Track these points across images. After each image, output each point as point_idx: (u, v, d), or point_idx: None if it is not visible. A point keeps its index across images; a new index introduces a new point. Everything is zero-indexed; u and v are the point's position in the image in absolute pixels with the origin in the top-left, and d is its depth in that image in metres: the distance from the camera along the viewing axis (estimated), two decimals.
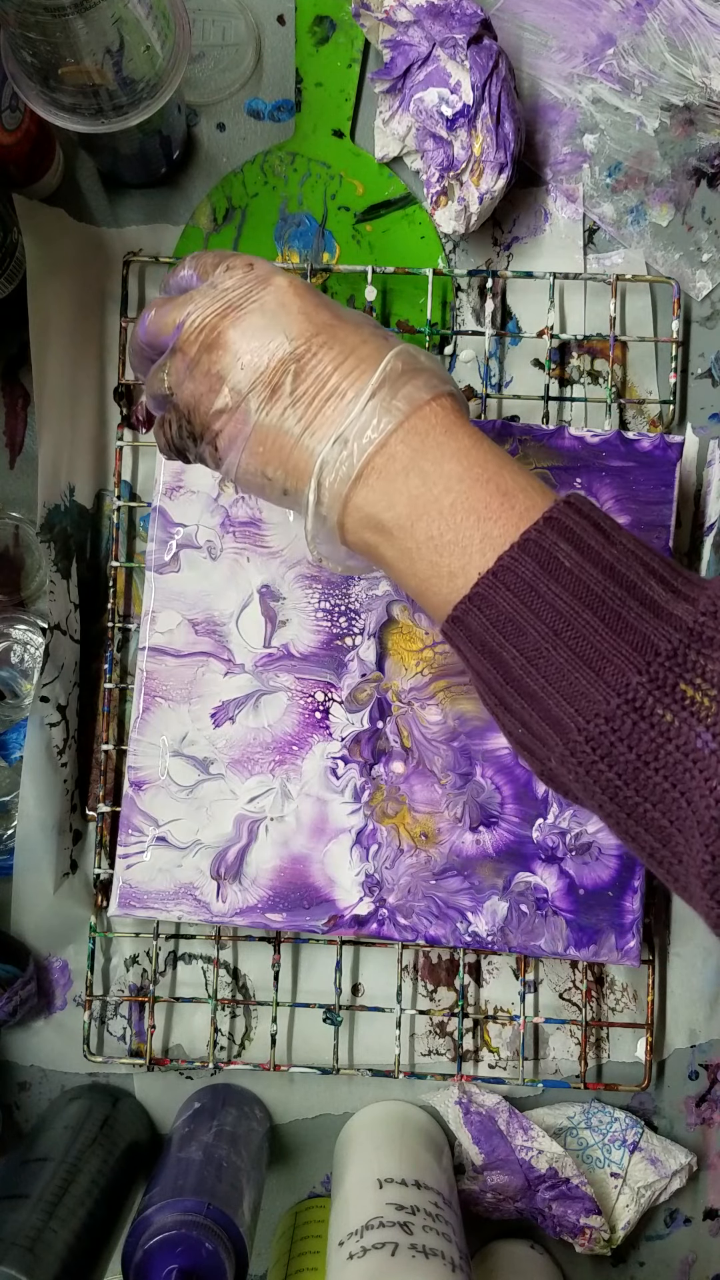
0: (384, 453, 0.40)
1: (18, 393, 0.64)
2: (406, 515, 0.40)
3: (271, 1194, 0.64)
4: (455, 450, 0.41)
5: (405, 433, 0.41)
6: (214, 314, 0.42)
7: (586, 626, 0.37)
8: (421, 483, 0.40)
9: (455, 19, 0.58)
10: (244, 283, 0.43)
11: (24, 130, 0.56)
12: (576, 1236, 0.61)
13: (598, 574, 0.38)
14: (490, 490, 0.40)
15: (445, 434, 0.41)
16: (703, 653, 0.36)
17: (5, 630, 0.63)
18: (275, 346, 0.41)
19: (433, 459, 0.40)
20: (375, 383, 0.41)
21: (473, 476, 0.40)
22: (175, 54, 0.52)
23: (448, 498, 0.40)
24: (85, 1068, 0.64)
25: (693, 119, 0.63)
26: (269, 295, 0.42)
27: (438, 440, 0.41)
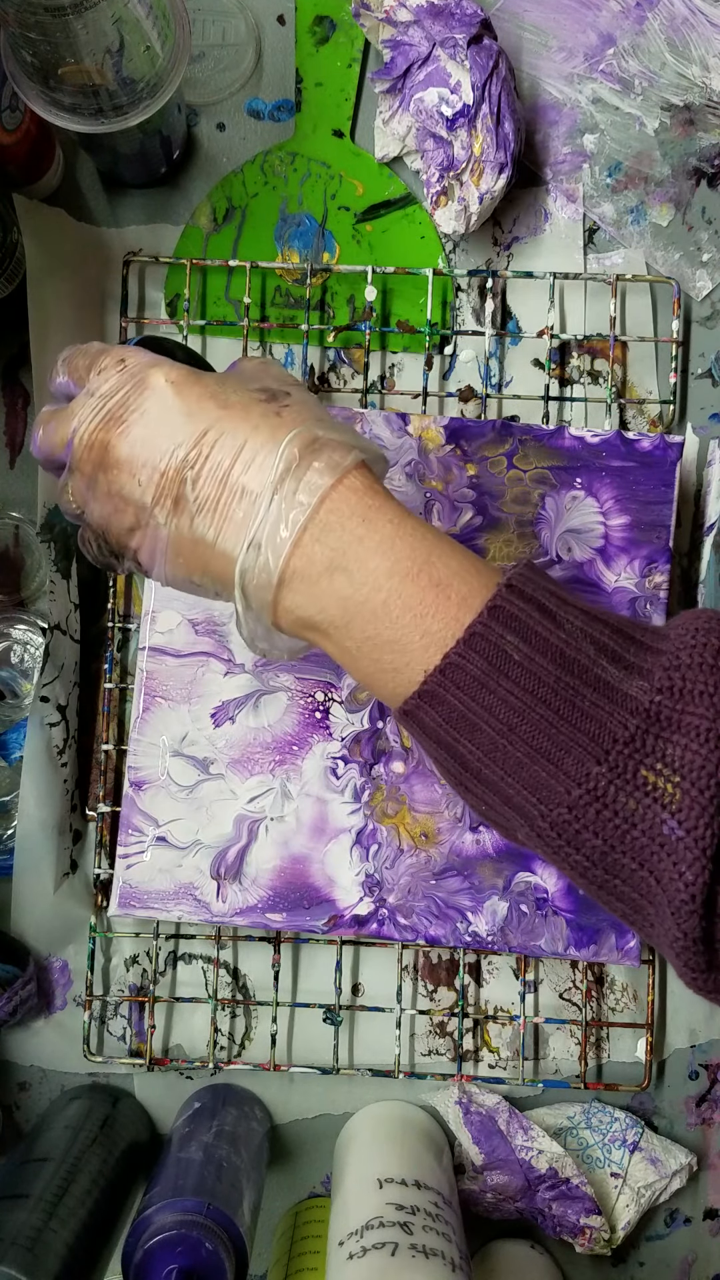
0: (300, 554, 0.39)
1: (18, 393, 0.64)
2: (339, 617, 0.39)
3: (271, 1194, 0.64)
4: (377, 543, 0.39)
5: (318, 529, 0.39)
6: (97, 428, 0.41)
7: (542, 720, 0.36)
8: (348, 583, 0.39)
9: (455, 19, 0.58)
10: (120, 387, 0.42)
11: (24, 130, 0.56)
12: (576, 1236, 0.61)
13: (548, 664, 0.37)
14: (423, 584, 0.38)
15: (362, 523, 0.39)
16: (661, 736, 0.35)
17: (5, 630, 0.63)
18: (166, 456, 0.40)
19: (354, 556, 0.39)
20: (275, 476, 0.39)
21: (401, 571, 0.38)
22: (175, 54, 0.52)
23: (378, 596, 0.39)
24: (85, 1068, 0.64)
25: (693, 119, 0.63)
26: (149, 401, 0.41)
27: (356, 533, 0.39)
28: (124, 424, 0.41)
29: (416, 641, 0.38)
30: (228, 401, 0.41)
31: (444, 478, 0.59)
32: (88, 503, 0.43)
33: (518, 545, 0.59)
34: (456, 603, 0.38)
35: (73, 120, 0.52)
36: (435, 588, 0.38)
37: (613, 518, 0.59)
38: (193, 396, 0.41)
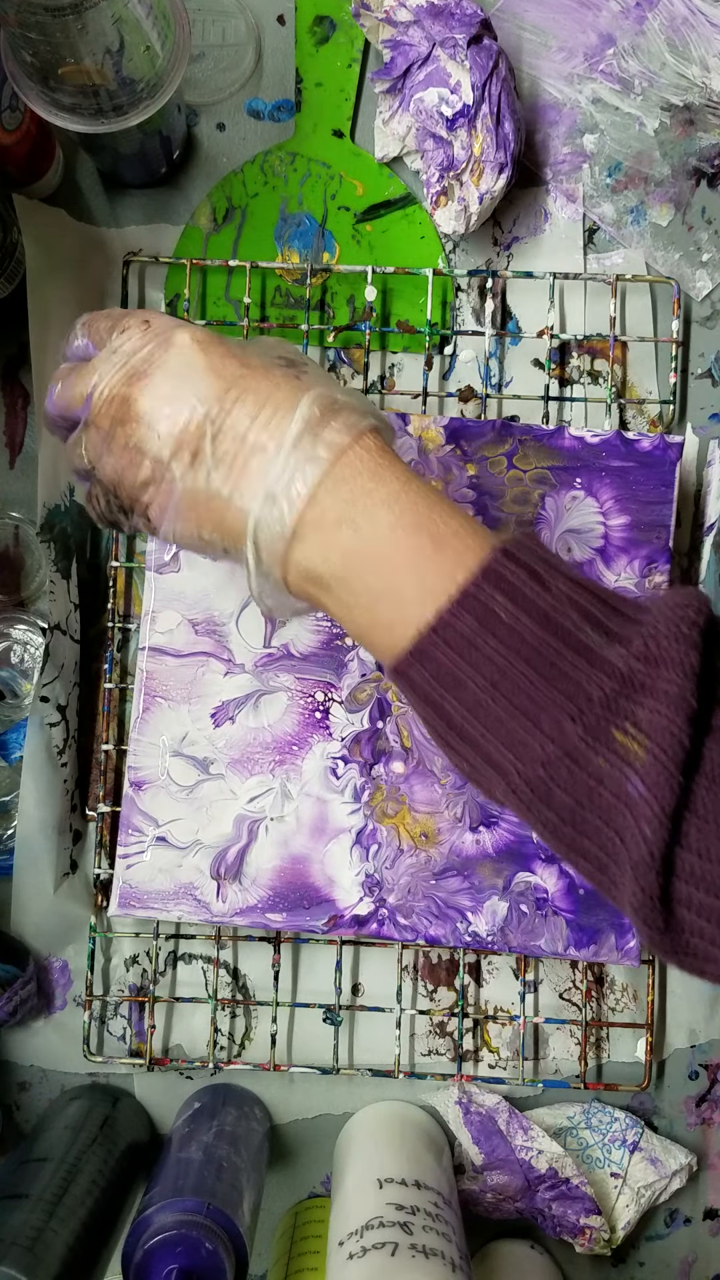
0: (314, 506, 0.40)
1: (18, 393, 0.64)
2: (342, 568, 0.40)
3: (271, 1194, 0.64)
4: (385, 497, 0.40)
5: (333, 482, 0.40)
6: (119, 382, 0.42)
7: (523, 679, 0.38)
8: (354, 534, 0.40)
9: (455, 19, 0.58)
10: (144, 344, 0.42)
11: (24, 130, 0.56)
12: (576, 1236, 0.61)
13: (533, 626, 0.38)
14: (423, 538, 0.39)
15: (373, 479, 0.40)
16: (633, 699, 0.37)
17: (5, 630, 0.63)
18: (188, 410, 0.41)
19: (363, 508, 0.40)
20: (295, 432, 0.40)
21: (405, 524, 0.39)
22: (175, 54, 0.52)
23: (380, 548, 0.39)
24: (85, 1068, 0.64)
25: (693, 119, 0.63)
26: (173, 357, 0.41)
27: (365, 487, 0.40)
28: (147, 378, 0.41)
29: (412, 595, 0.39)
30: (250, 362, 0.42)
31: (444, 478, 0.59)
32: (101, 457, 0.43)
33: None
34: (453, 559, 0.39)
35: (73, 120, 0.51)
36: (434, 542, 0.39)
37: (613, 518, 0.59)
38: (216, 355, 0.41)
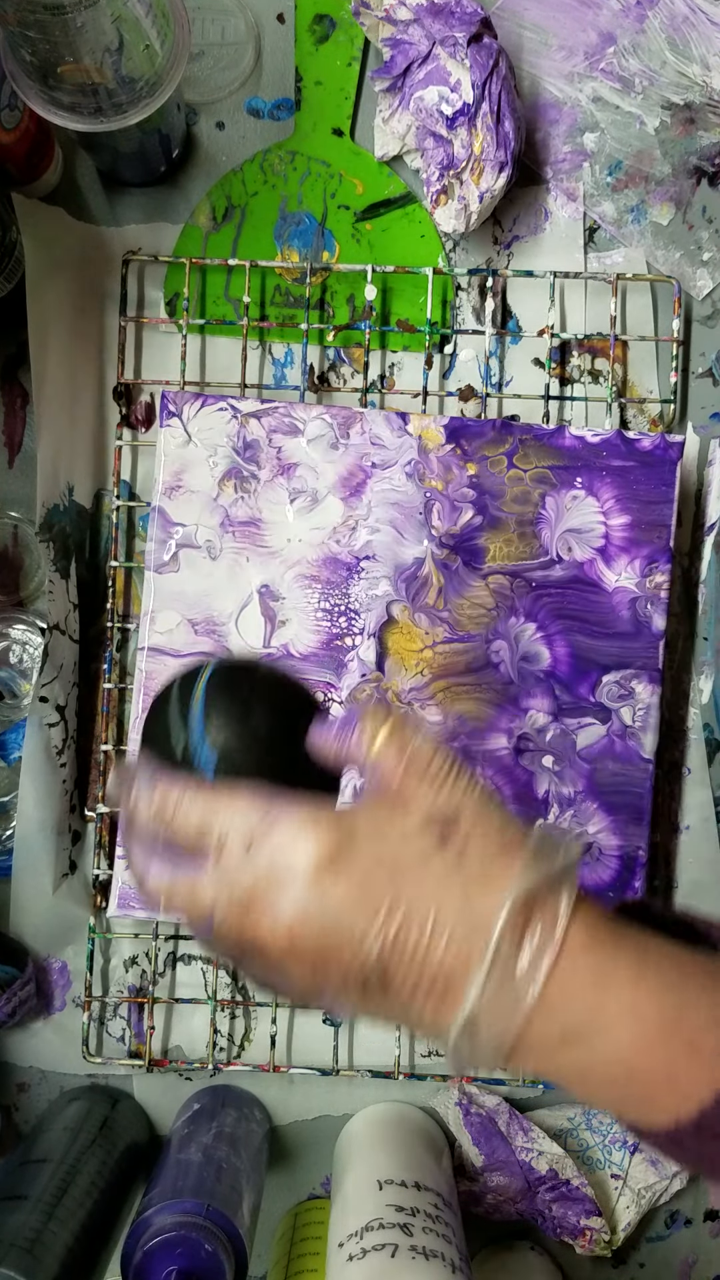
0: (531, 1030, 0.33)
1: (17, 392, 0.64)
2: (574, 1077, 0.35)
3: (271, 1195, 0.64)
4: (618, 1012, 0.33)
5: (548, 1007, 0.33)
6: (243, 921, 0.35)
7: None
8: (587, 1053, 0.34)
9: (455, 17, 0.58)
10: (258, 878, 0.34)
11: (23, 129, 0.56)
12: (577, 1238, 0.61)
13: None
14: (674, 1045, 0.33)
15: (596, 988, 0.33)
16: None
17: (4, 630, 0.63)
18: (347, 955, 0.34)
19: (592, 1028, 0.33)
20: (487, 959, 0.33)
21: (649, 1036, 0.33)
22: (175, 52, 0.52)
23: (622, 1065, 0.34)
24: (84, 1069, 0.64)
25: (693, 117, 0.63)
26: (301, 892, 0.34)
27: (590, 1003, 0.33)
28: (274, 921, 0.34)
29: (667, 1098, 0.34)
30: (398, 864, 0.34)
31: (444, 477, 0.59)
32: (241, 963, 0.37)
33: (518, 545, 0.59)
34: (711, 1059, 0.33)
35: (72, 119, 0.51)
36: (687, 1047, 0.34)
37: (613, 517, 0.59)
38: (356, 873, 0.34)
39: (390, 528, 0.59)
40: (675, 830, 0.62)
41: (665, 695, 0.61)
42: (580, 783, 0.59)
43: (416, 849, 0.34)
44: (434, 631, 0.59)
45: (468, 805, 0.35)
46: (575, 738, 0.59)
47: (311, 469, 0.59)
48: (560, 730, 0.59)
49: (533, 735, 0.59)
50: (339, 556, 0.59)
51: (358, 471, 0.59)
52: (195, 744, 0.38)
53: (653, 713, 0.59)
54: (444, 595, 0.59)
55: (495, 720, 0.59)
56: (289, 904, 0.34)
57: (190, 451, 0.59)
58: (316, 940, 0.34)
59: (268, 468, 0.59)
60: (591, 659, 0.59)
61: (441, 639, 0.59)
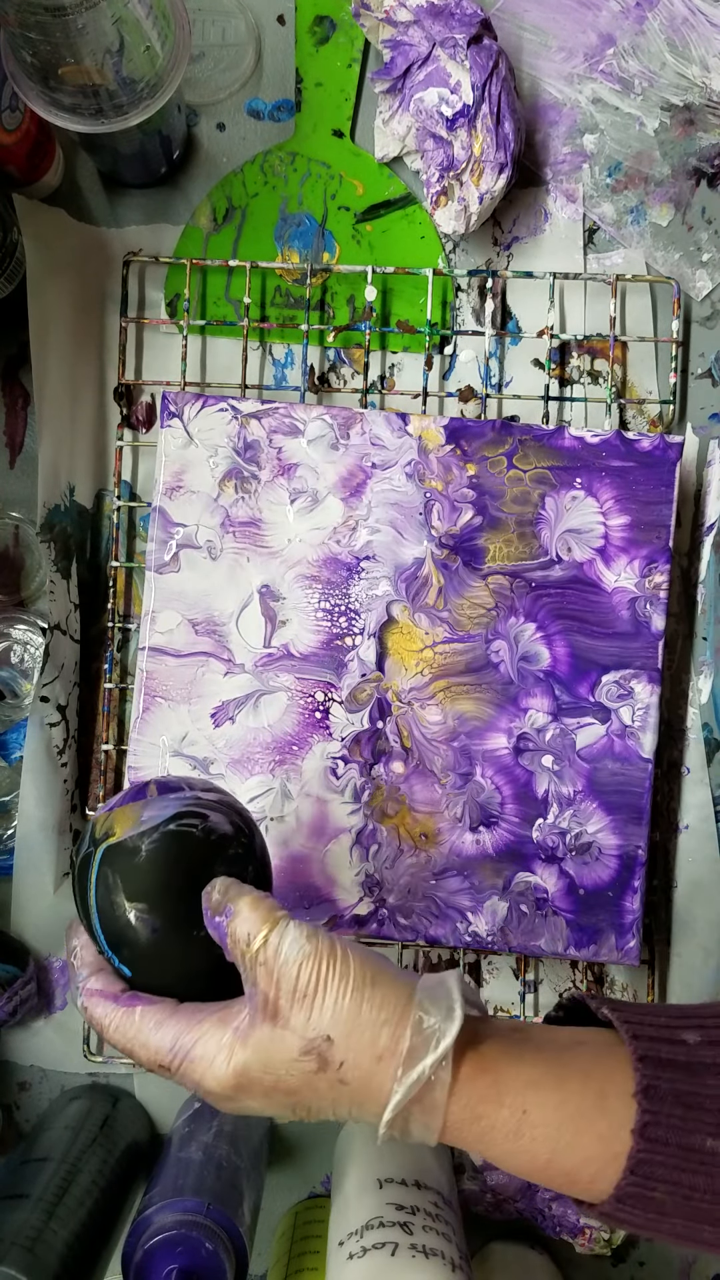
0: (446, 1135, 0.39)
1: (18, 393, 0.64)
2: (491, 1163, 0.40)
3: (271, 1194, 0.64)
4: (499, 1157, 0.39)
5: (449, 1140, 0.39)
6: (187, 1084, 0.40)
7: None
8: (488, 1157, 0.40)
9: (455, 19, 0.58)
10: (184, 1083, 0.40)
11: (24, 130, 0.56)
12: (576, 1236, 0.61)
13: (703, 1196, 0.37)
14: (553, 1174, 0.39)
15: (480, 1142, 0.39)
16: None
17: (5, 630, 0.63)
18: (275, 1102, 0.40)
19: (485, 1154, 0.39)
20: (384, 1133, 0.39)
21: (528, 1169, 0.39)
22: (175, 54, 0.52)
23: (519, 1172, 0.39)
24: (85, 1068, 0.64)
25: (693, 119, 0.63)
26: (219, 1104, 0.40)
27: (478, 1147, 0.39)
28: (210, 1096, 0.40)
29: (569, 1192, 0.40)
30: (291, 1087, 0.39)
31: (444, 478, 0.59)
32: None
33: (518, 545, 0.59)
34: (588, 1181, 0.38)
35: (73, 120, 0.51)
36: (565, 1176, 0.39)
37: (613, 518, 0.59)
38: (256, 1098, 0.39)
39: (390, 528, 0.59)
40: (674, 830, 0.62)
41: (664, 695, 0.61)
42: (580, 782, 0.59)
43: (301, 1076, 0.38)
44: (434, 631, 0.59)
45: (337, 1028, 0.38)
46: (575, 737, 0.59)
47: (312, 469, 0.59)
48: (560, 730, 0.59)
49: (532, 735, 0.59)
50: (339, 556, 0.59)
51: (358, 472, 0.59)
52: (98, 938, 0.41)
53: (652, 712, 0.59)
54: (444, 595, 0.59)
55: (495, 720, 0.59)
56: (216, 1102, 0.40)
57: (191, 452, 0.59)
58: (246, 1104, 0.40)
59: (268, 468, 0.59)
60: (591, 659, 0.59)
61: (441, 639, 0.59)
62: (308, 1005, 0.38)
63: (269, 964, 0.39)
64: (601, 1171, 0.38)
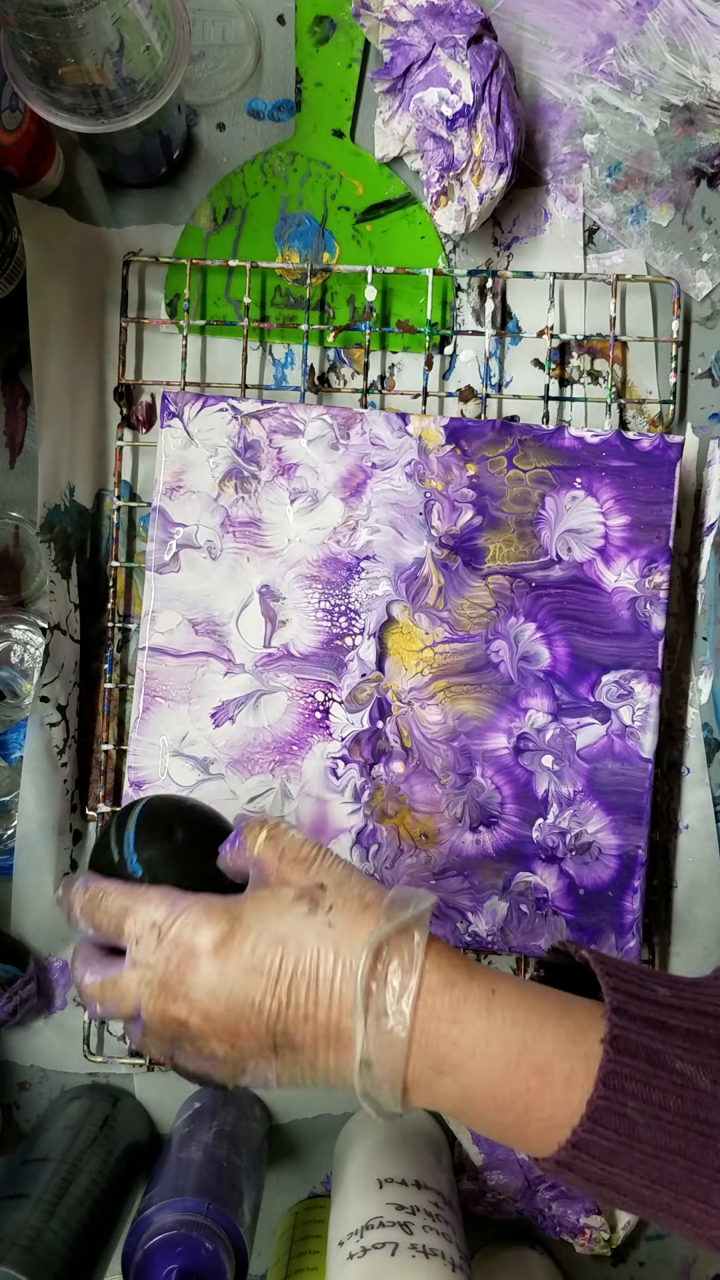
0: (410, 1067, 0.39)
1: (18, 393, 0.64)
2: (456, 1109, 0.40)
3: (271, 1194, 0.64)
4: (472, 1043, 0.39)
5: (418, 1042, 0.39)
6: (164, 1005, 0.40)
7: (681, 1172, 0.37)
8: (455, 1085, 0.39)
9: (455, 19, 0.58)
10: (167, 958, 0.40)
11: (24, 130, 0.56)
12: (576, 1236, 0.61)
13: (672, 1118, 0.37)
14: (524, 1074, 0.38)
15: (453, 1023, 0.39)
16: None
17: (5, 630, 0.63)
18: (251, 1021, 0.39)
19: (454, 1061, 0.39)
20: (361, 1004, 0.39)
21: (500, 1067, 0.38)
22: (175, 54, 0.52)
23: (486, 1092, 0.39)
24: (85, 1068, 0.64)
25: (693, 119, 0.63)
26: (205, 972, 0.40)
27: (450, 1035, 0.39)
28: (189, 999, 0.40)
29: (534, 1125, 0.39)
30: (279, 934, 0.40)
31: (444, 478, 0.59)
32: (175, 1058, 0.42)
33: (518, 545, 0.59)
34: (562, 1084, 0.38)
35: (73, 120, 0.51)
36: (537, 1075, 0.38)
37: (613, 518, 0.59)
38: (245, 949, 0.40)
39: (390, 528, 0.59)
40: (674, 830, 0.62)
41: (664, 695, 0.61)
42: (579, 782, 0.59)
43: (292, 919, 0.40)
44: (434, 631, 0.59)
45: (331, 878, 0.41)
46: (575, 737, 0.59)
47: (312, 469, 0.59)
48: (560, 730, 0.59)
49: (532, 735, 0.59)
50: (339, 556, 0.59)
51: (358, 472, 0.59)
52: (127, 857, 0.45)
53: (652, 712, 0.59)
54: (444, 595, 0.59)
55: (495, 720, 0.59)
56: (197, 982, 0.40)
57: (191, 452, 0.59)
58: (224, 1011, 0.39)
59: (268, 468, 0.59)
60: (591, 659, 0.59)
61: (441, 639, 0.59)
62: (305, 865, 0.42)
63: (276, 839, 0.42)
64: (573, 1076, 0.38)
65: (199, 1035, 0.40)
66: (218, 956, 0.40)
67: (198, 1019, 0.40)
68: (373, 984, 0.39)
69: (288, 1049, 0.40)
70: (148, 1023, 0.41)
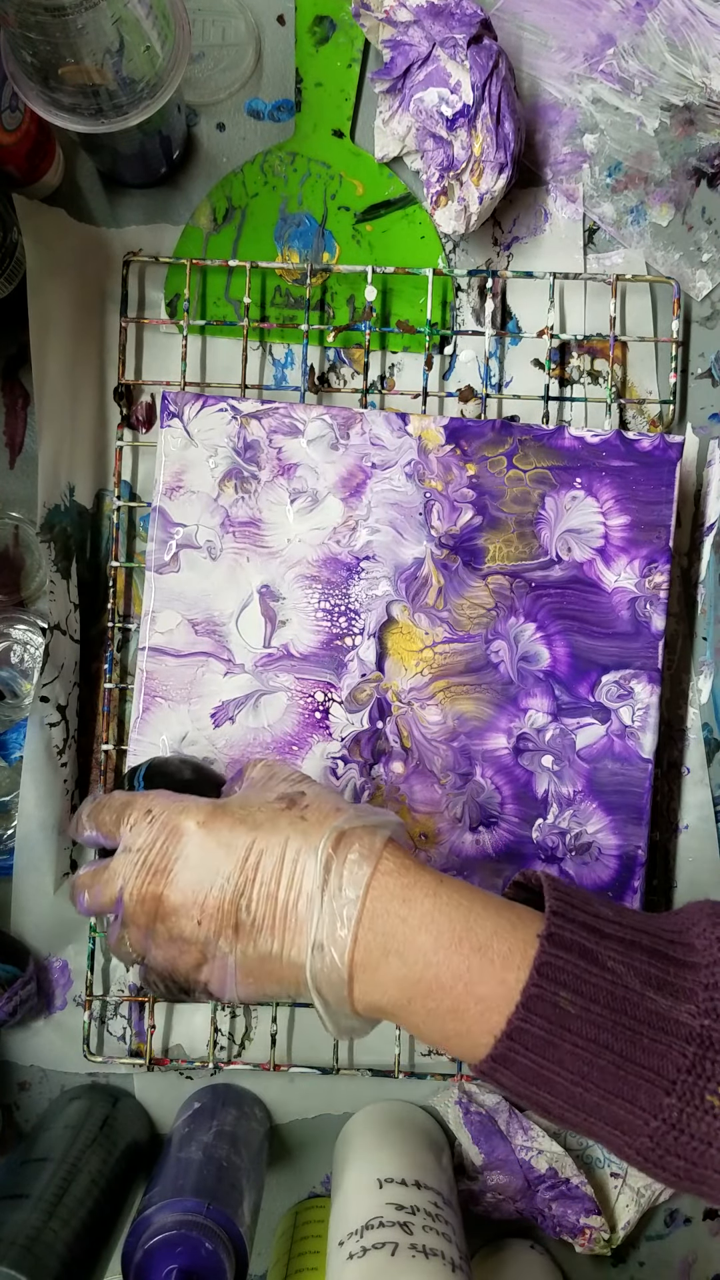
0: (359, 947, 0.41)
1: (18, 393, 0.64)
2: (400, 997, 0.41)
3: (271, 1194, 0.64)
4: (419, 921, 0.41)
5: (369, 918, 0.41)
6: (143, 882, 0.43)
7: (610, 1066, 0.39)
8: (401, 964, 0.40)
9: (455, 19, 0.58)
10: (155, 838, 0.44)
11: (24, 130, 0.56)
12: (576, 1236, 0.61)
13: (602, 1010, 0.39)
14: (465, 951, 0.40)
15: (403, 903, 0.41)
16: (715, 1060, 0.38)
17: (5, 630, 0.63)
18: (217, 892, 0.42)
19: (401, 937, 0.40)
20: (318, 880, 0.41)
21: (445, 943, 0.40)
22: (175, 54, 0.52)
23: (429, 972, 0.40)
24: (85, 1068, 0.64)
25: (693, 119, 0.63)
26: (186, 846, 0.43)
27: (400, 914, 0.41)
28: (169, 873, 0.43)
29: (473, 1008, 0.40)
30: (256, 822, 0.43)
31: (444, 478, 0.59)
32: (148, 950, 0.44)
33: (518, 545, 0.59)
34: (500, 964, 0.40)
35: (73, 120, 0.51)
36: (477, 952, 0.40)
37: (613, 518, 0.59)
38: (224, 828, 0.43)
39: (390, 528, 0.59)
40: (674, 830, 0.62)
41: (664, 695, 0.61)
42: (579, 782, 0.59)
43: (270, 811, 0.44)
44: (434, 631, 0.59)
45: (311, 789, 0.46)
46: (574, 737, 0.59)
47: (312, 469, 0.59)
48: (560, 730, 0.59)
49: (532, 735, 0.59)
50: (339, 557, 0.59)
51: (358, 472, 0.59)
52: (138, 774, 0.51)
53: (652, 712, 0.59)
54: (444, 595, 0.59)
55: (495, 720, 0.59)
56: (177, 854, 0.43)
57: (191, 452, 0.59)
58: (196, 881, 0.42)
59: (268, 468, 0.59)
60: (591, 659, 0.59)
61: (441, 639, 0.59)
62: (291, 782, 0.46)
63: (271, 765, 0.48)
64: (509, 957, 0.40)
65: (171, 911, 0.43)
66: (199, 832, 0.43)
67: (172, 891, 0.43)
68: (332, 863, 0.41)
69: (248, 928, 0.42)
70: (128, 905, 0.44)
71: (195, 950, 0.43)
